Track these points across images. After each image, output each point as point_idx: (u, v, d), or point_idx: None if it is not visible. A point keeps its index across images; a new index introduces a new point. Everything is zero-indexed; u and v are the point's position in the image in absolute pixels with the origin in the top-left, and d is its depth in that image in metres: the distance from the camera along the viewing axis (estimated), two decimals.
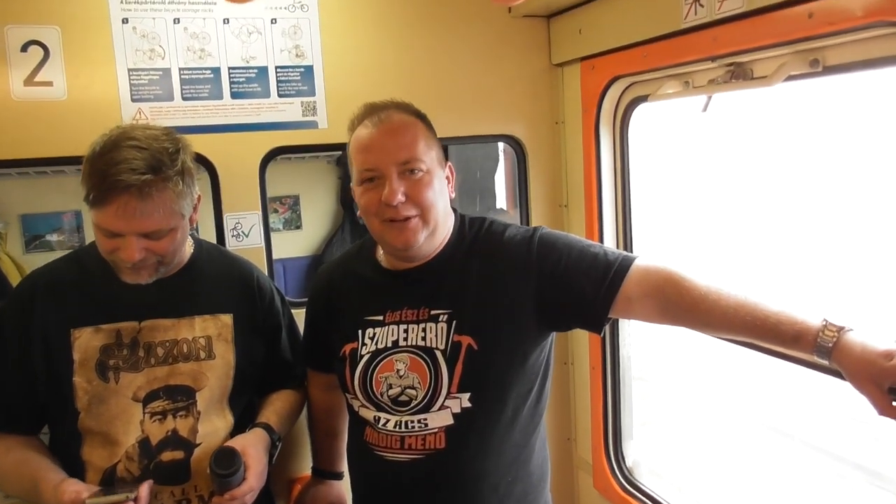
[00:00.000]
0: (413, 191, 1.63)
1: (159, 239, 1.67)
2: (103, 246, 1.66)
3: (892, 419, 1.30)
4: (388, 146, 1.64)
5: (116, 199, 1.57)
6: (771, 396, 2.37)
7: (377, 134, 1.65)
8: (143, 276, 1.71)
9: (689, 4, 1.80)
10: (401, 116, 1.70)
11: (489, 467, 1.69)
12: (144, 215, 1.60)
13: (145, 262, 1.67)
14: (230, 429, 1.84)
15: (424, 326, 1.70)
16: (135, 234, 1.62)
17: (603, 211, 2.39)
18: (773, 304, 1.44)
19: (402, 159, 1.63)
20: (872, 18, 1.34)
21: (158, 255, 1.68)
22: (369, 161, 1.65)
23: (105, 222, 1.61)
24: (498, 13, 2.49)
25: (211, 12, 2.17)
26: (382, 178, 1.63)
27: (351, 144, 1.71)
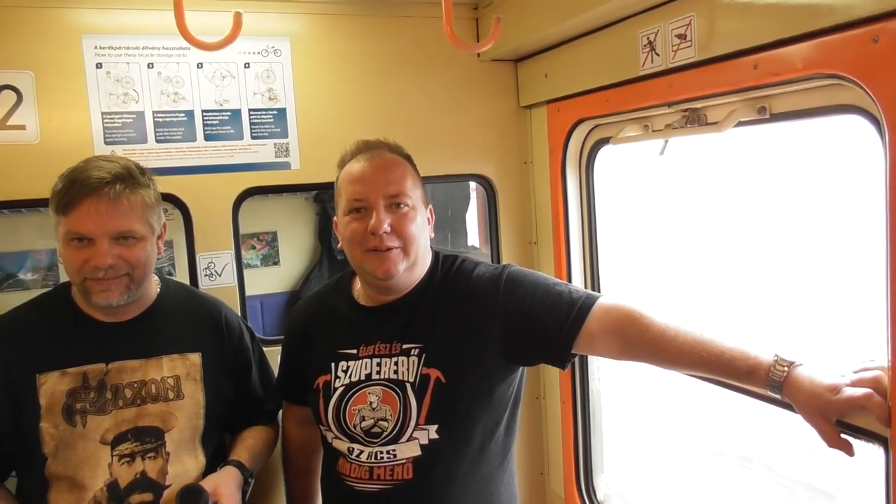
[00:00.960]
0: (398, 224, 1.71)
1: (129, 246, 1.69)
2: (73, 261, 1.66)
3: (841, 451, 1.35)
4: (378, 180, 1.72)
5: (87, 199, 1.62)
6: (731, 425, 2.44)
7: (368, 168, 1.74)
8: (115, 294, 1.70)
9: (645, 53, 1.88)
10: (392, 156, 1.80)
11: (455, 499, 1.73)
12: (116, 215, 1.65)
13: (117, 272, 1.68)
14: (202, 469, 1.84)
15: (397, 360, 1.74)
16: (106, 236, 1.65)
17: (570, 248, 2.44)
18: (728, 341, 1.50)
19: (390, 193, 1.71)
20: (809, 70, 1.42)
21: (129, 264, 1.69)
22: (359, 192, 1.72)
23: (76, 226, 1.63)
24: (467, 58, 2.56)
25: (185, 57, 2.21)
26: (370, 209, 1.71)
27: (341, 177, 1.79)
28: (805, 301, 2.26)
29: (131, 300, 1.77)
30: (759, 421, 2.33)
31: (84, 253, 1.66)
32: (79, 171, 1.67)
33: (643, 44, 1.88)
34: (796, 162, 2.07)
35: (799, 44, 1.43)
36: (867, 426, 1.37)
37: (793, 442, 2.33)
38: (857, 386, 1.33)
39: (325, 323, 1.91)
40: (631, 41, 1.92)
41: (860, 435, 1.39)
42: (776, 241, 2.30)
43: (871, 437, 1.38)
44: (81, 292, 1.73)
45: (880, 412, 1.30)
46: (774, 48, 1.49)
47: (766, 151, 2.09)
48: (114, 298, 1.71)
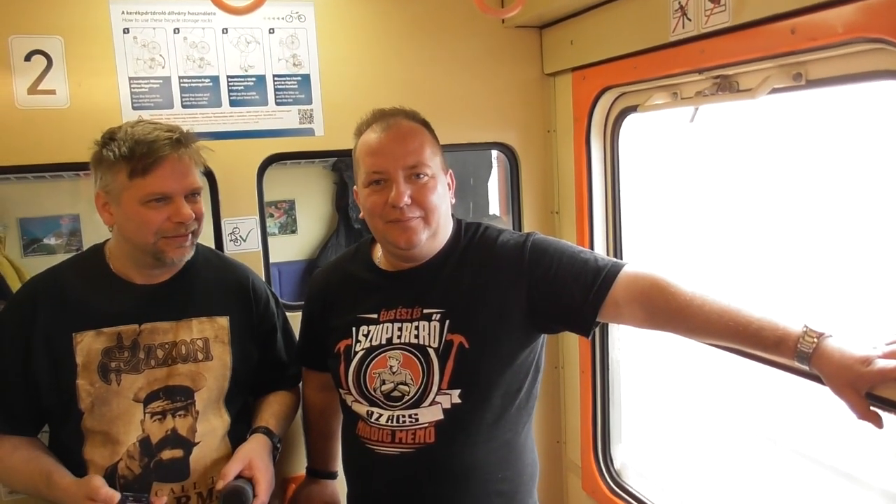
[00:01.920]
0: (418, 194, 1.70)
1: (197, 202, 1.78)
2: (152, 221, 1.71)
3: (871, 423, 1.34)
4: (397, 151, 1.71)
5: (167, 159, 1.70)
6: (756, 402, 2.43)
7: (386, 139, 1.72)
8: (187, 249, 1.80)
9: (676, 18, 1.85)
10: (409, 123, 1.78)
11: (477, 462, 1.74)
12: (189, 173, 1.75)
13: (189, 228, 1.76)
14: (227, 428, 1.89)
15: (417, 325, 1.75)
16: (183, 193, 1.73)
17: (593, 218, 2.43)
18: (756, 311, 1.48)
19: (409, 164, 1.70)
20: (851, 35, 1.39)
21: (197, 219, 1.77)
22: (378, 164, 1.71)
23: (157, 186, 1.69)
24: (492, 24, 2.53)
25: (210, 23, 2.21)
26: (389, 181, 1.70)
27: (358, 148, 1.78)
28: (837, 272, 2.24)
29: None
30: (785, 400, 2.33)
31: (163, 212, 1.72)
32: (140, 134, 1.71)
33: (674, 8, 1.84)
34: (832, 130, 2.03)
35: (840, 7, 1.40)
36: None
37: (819, 423, 2.33)
38: (890, 357, 1.32)
39: (345, 288, 1.92)
40: (662, 6, 1.89)
41: (891, 408, 1.38)
42: (808, 211, 2.26)
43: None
44: (152, 252, 1.76)
45: None
46: (813, 12, 1.46)
47: (801, 119, 2.05)
48: (187, 253, 1.81)
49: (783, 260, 2.36)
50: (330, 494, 2.12)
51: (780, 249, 2.37)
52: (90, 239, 3.33)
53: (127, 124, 1.76)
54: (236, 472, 1.76)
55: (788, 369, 1.58)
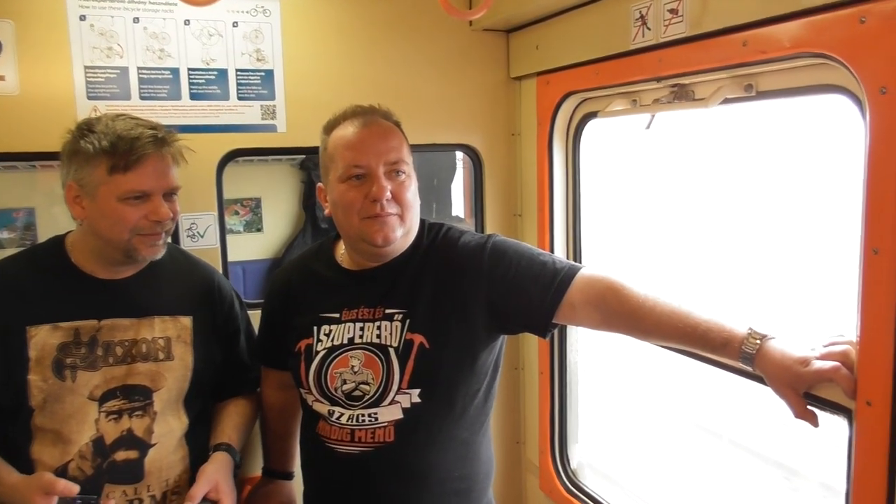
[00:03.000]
0: (397, 191, 1.71)
1: (173, 202, 1.77)
2: (129, 218, 1.69)
3: (807, 422, 1.39)
4: (379, 146, 1.71)
5: (149, 157, 1.68)
6: (701, 400, 2.52)
7: (367, 134, 1.73)
8: (160, 248, 1.78)
9: (637, 27, 1.88)
10: (387, 123, 1.79)
11: (436, 461, 1.76)
12: (170, 173, 1.75)
13: (165, 227, 1.75)
14: (185, 430, 1.87)
15: (379, 324, 1.76)
16: (162, 192, 1.72)
17: (554, 221, 2.46)
18: (704, 313, 1.53)
19: (391, 159, 1.71)
20: (797, 49, 1.43)
21: (173, 218, 1.76)
22: (359, 158, 1.70)
23: (138, 183, 1.68)
24: (459, 26, 2.54)
25: (171, 13, 2.18)
26: (369, 176, 1.70)
27: (332, 142, 1.76)
28: (782, 276, 2.31)
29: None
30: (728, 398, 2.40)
31: (141, 209, 1.70)
32: (122, 129, 1.68)
33: (635, 17, 1.88)
34: (780, 140, 2.10)
35: (787, 22, 1.44)
36: (834, 398, 1.41)
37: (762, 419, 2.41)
38: (826, 359, 1.37)
39: (307, 287, 1.91)
40: (623, 14, 1.92)
41: (826, 407, 1.43)
42: (757, 217, 2.33)
43: (837, 410, 1.42)
44: (124, 249, 1.74)
45: (847, 385, 1.34)
46: (763, 26, 1.50)
47: (751, 128, 2.11)
48: (158, 252, 1.79)
49: (733, 261, 2.43)
50: (286, 495, 2.10)
51: (730, 251, 2.44)
52: (45, 233, 3.26)
53: (106, 116, 1.74)
54: (203, 495, 1.74)
55: (735, 370, 1.63)
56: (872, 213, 1.30)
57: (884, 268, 1.28)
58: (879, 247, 1.29)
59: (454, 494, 1.81)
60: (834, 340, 1.41)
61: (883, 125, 1.27)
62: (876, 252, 1.29)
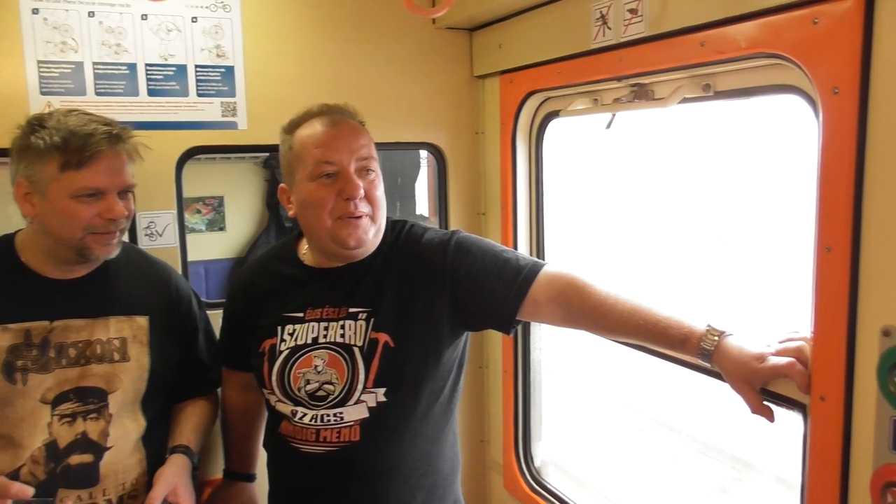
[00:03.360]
0: (368, 189, 1.69)
1: (128, 199, 1.73)
2: (82, 216, 1.65)
3: (764, 417, 1.42)
4: (351, 144, 1.69)
5: (103, 154, 1.64)
6: (660, 396, 2.57)
7: (338, 132, 1.71)
8: (114, 247, 1.74)
9: (598, 26, 1.90)
10: (354, 122, 1.78)
11: (401, 460, 1.75)
12: (125, 170, 1.70)
13: (119, 225, 1.70)
14: (142, 432, 1.83)
15: (343, 324, 1.74)
16: (117, 189, 1.68)
17: (518, 219, 2.47)
18: (665, 310, 1.55)
19: (362, 156, 1.70)
20: (753, 49, 1.45)
21: (127, 216, 1.72)
22: (330, 156, 1.68)
23: (91, 181, 1.64)
24: (422, 24, 2.54)
25: (128, 7, 2.13)
26: (341, 174, 1.67)
27: (299, 140, 1.73)
28: (740, 273, 2.36)
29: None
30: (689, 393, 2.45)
31: (94, 207, 1.65)
32: (75, 125, 1.64)
33: (596, 17, 1.89)
34: (737, 139, 2.14)
35: (744, 23, 1.46)
36: (789, 394, 1.44)
37: (719, 414, 2.46)
38: (781, 355, 1.40)
39: (270, 286, 1.88)
40: (584, 14, 1.94)
41: (782, 402, 1.46)
42: (714, 215, 2.38)
43: (792, 405, 1.45)
44: (77, 248, 1.69)
45: (801, 380, 1.37)
46: (721, 26, 1.52)
47: (710, 128, 2.15)
48: (112, 251, 1.74)
49: (692, 259, 2.47)
50: (248, 497, 2.08)
51: (689, 249, 2.48)
52: None
53: (58, 112, 1.70)
54: (161, 498, 1.71)
55: (694, 367, 1.65)
56: (825, 211, 1.33)
57: (836, 265, 1.31)
58: (832, 244, 1.31)
59: (420, 491, 1.80)
60: (789, 337, 1.44)
61: (835, 125, 1.29)
62: (829, 250, 1.32)
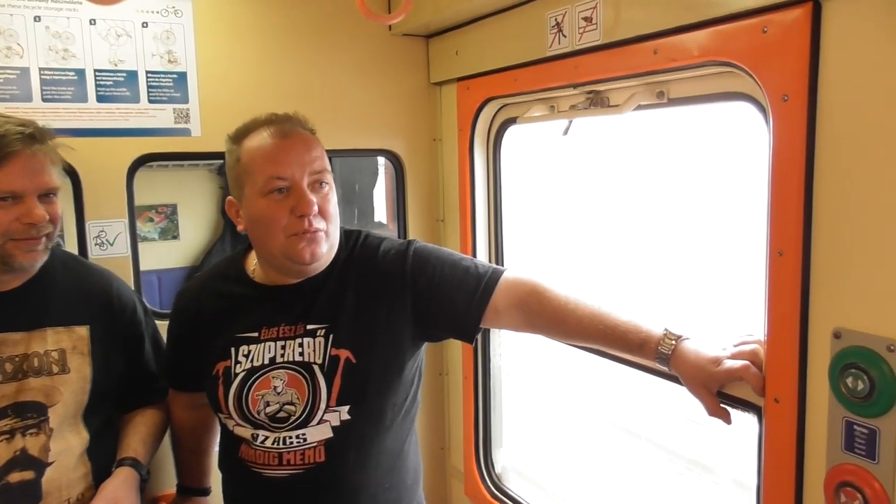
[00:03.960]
0: (322, 204, 1.62)
1: (52, 203, 1.66)
2: None
3: (721, 419, 1.44)
4: (303, 157, 1.61)
5: (17, 155, 1.58)
6: (619, 401, 2.61)
7: (289, 144, 1.62)
8: (39, 254, 1.66)
9: (553, 34, 1.91)
10: (305, 133, 1.69)
11: (367, 477, 1.71)
12: (44, 171, 1.63)
13: (41, 231, 1.63)
14: (86, 445, 1.77)
15: (301, 341, 1.68)
16: (36, 192, 1.61)
17: (476, 226, 2.47)
18: (623, 315, 1.57)
19: (315, 169, 1.62)
20: (705, 57, 1.48)
21: (52, 221, 1.65)
22: (281, 171, 1.59)
23: (6, 184, 1.57)
24: (379, 31, 2.53)
25: (76, 12, 2.07)
26: (293, 190, 1.59)
27: (247, 153, 1.64)
28: (696, 277, 2.41)
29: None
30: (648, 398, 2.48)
31: (12, 212, 1.58)
32: None
33: (551, 25, 1.91)
34: (692, 145, 2.18)
35: (696, 31, 1.49)
36: (744, 396, 1.47)
37: (678, 419, 2.51)
38: (737, 358, 1.42)
39: (220, 306, 1.79)
40: (540, 22, 1.95)
41: (737, 405, 1.49)
42: (672, 220, 2.42)
43: (747, 407, 1.48)
44: None
45: (756, 383, 1.39)
46: (673, 35, 1.55)
47: (665, 134, 2.19)
48: (38, 259, 1.67)
49: (650, 265, 2.51)
50: None
51: (647, 255, 2.52)
52: None
53: None
54: None
55: (652, 371, 1.66)
56: (776, 216, 1.36)
57: (788, 269, 1.34)
58: (784, 248, 1.34)
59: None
60: (744, 340, 1.47)
61: (785, 132, 1.32)
62: (780, 254, 1.35)
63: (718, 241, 2.29)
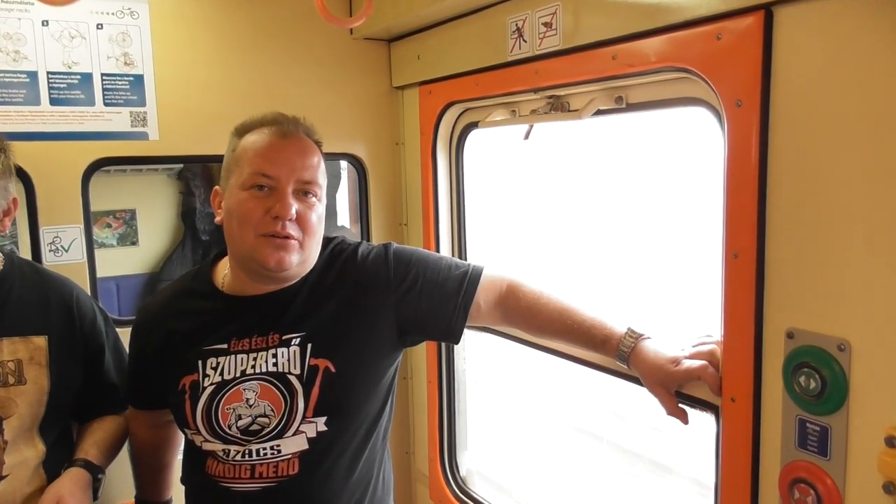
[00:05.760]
0: (303, 213, 1.56)
1: None
2: None
3: (678, 419, 1.46)
4: (295, 161, 1.57)
5: None
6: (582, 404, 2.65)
7: (285, 145, 1.58)
8: None
9: (514, 39, 1.93)
10: (307, 140, 1.64)
11: (342, 488, 1.66)
12: None
13: None
14: (41, 458, 1.73)
15: (275, 352, 1.61)
16: None
17: (440, 230, 2.47)
18: (591, 312, 1.60)
19: (304, 178, 1.56)
20: (662, 63, 1.51)
21: None
22: (269, 168, 1.54)
23: None
24: (340, 35, 2.52)
25: (27, 13, 2.03)
26: (276, 190, 1.54)
27: (242, 146, 1.60)
28: (655, 278, 2.45)
29: None
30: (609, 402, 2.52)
31: None
32: None
33: (512, 30, 1.92)
34: (650, 149, 2.22)
35: (653, 38, 1.52)
36: (702, 396, 1.49)
37: (638, 420, 2.55)
38: (695, 359, 1.45)
39: (186, 318, 1.71)
40: (501, 27, 1.97)
41: (695, 404, 1.51)
42: (631, 222, 2.46)
43: (705, 406, 1.50)
44: None
45: (713, 382, 1.42)
46: (631, 41, 1.57)
47: (624, 138, 2.22)
48: None
49: (610, 268, 2.54)
50: None
51: (607, 258, 2.55)
52: None
53: None
54: None
55: (616, 374, 1.68)
56: (732, 219, 1.39)
57: (743, 271, 1.37)
58: (739, 251, 1.37)
59: None
60: (702, 340, 1.50)
61: (739, 136, 1.35)
62: (736, 256, 1.38)
63: (677, 244, 2.34)
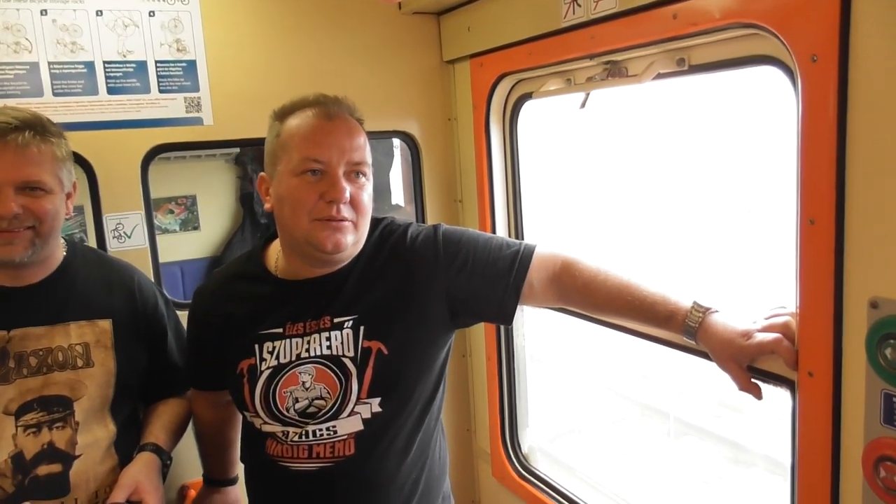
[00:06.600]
0: (355, 195, 1.56)
1: (37, 198, 1.59)
2: None
3: (751, 394, 1.40)
4: (344, 143, 1.56)
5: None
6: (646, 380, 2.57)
7: (332, 127, 1.57)
8: (18, 248, 1.60)
9: (567, 4, 1.86)
10: (351, 119, 1.63)
11: (397, 469, 1.67)
12: (24, 163, 1.56)
13: (21, 224, 1.57)
14: (113, 438, 1.77)
15: (328, 335, 1.62)
16: (11, 184, 1.55)
17: (495, 205, 2.43)
18: (652, 286, 1.53)
19: (354, 160, 1.56)
20: (728, 20, 1.42)
21: (35, 216, 1.59)
22: (319, 153, 1.54)
23: None
24: (388, 10, 2.48)
25: (82, 3, 2.06)
26: (328, 174, 1.54)
27: (287, 130, 1.59)
28: (723, 249, 2.36)
29: (35, 258, 1.66)
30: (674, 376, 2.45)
31: None
32: None
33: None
34: (717, 113, 2.12)
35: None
36: (776, 370, 1.42)
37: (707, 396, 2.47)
38: (768, 332, 1.37)
39: (241, 302, 1.71)
40: None
41: (769, 379, 1.44)
42: (695, 191, 2.37)
43: (780, 381, 1.43)
44: None
45: (788, 356, 1.35)
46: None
47: (687, 103, 2.12)
48: (17, 253, 1.60)
49: (675, 237, 2.46)
50: (234, 498, 2.02)
51: (670, 227, 2.46)
52: None
53: None
54: (123, 499, 1.65)
55: (684, 349, 1.62)
56: (807, 183, 1.31)
57: (820, 238, 1.29)
58: (815, 217, 1.29)
59: (412, 496, 1.73)
60: (775, 313, 1.42)
61: (815, 93, 1.27)
62: (812, 222, 1.30)
63: (746, 212, 2.23)
